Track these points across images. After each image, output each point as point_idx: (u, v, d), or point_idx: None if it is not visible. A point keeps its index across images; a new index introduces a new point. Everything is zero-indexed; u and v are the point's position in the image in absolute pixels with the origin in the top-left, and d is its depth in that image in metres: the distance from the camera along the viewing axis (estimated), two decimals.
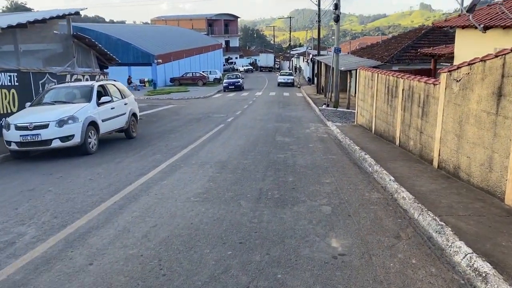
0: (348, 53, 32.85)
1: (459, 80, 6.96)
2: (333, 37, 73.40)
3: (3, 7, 77.90)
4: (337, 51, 22.72)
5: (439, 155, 7.81)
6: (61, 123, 9.60)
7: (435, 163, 7.95)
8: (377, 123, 12.36)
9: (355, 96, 28.85)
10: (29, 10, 76.51)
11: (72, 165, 9.12)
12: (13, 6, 77.34)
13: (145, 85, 42.98)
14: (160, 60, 45.78)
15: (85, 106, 10.35)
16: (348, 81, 23.74)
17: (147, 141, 12.07)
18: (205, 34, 77.56)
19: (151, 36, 52.84)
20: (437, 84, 7.96)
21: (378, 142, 11.29)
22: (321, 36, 38.06)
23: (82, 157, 9.92)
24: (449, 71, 7.42)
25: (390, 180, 7.13)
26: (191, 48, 57.89)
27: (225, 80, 40.49)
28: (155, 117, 19.48)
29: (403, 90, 9.97)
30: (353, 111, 21.70)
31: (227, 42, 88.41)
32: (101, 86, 11.42)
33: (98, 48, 18.71)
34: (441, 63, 15.55)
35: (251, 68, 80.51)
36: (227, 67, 76.12)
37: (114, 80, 13.19)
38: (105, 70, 21.50)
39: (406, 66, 22.55)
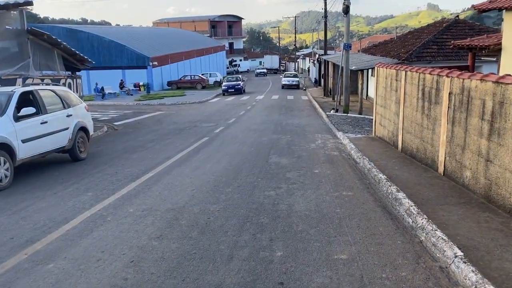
0: (358, 51, 29.69)
1: None
2: (340, 39, 70.07)
3: None
4: (347, 47, 19.53)
5: None
6: None
7: None
8: (406, 138, 9.16)
9: (367, 99, 25.69)
10: (35, 16, 74.52)
11: None
12: None
13: (139, 90, 40.03)
14: (156, 63, 42.89)
15: None
16: (360, 82, 20.52)
17: (95, 165, 8.97)
18: (208, 36, 74.85)
19: (149, 38, 50.02)
20: None
21: (410, 167, 8.09)
22: (328, 37, 34.96)
23: None
24: None
25: (457, 258, 3.95)
26: (191, 50, 55.02)
27: (224, 83, 37.41)
28: (132, 128, 16.42)
29: (450, 94, 6.78)
30: (366, 117, 18.52)
31: (231, 44, 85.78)
32: (28, 93, 8.33)
33: (63, 47, 15.70)
34: (481, 58, 12.30)
35: (263, 71, 69.71)
36: (230, 69, 73.23)
37: (57, 84, 10.12)
38: (77, 73, 18.52)
39: (428, 64, 19.30)
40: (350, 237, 4.69)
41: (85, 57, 17.63)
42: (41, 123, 8.25)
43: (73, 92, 16.72)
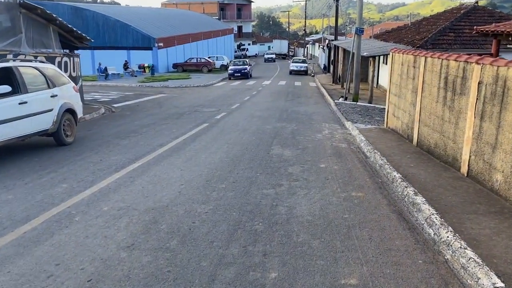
0: (370, 38, 28.51)
1: None
2: (350, 26, 68.19)
3: None
4: (359, 31, 18.47)
5: None
6: None
7: None
8: (423, 132, 8.27)
9: (377, 87, 24.65)
10: None
11: None
12: None
13: (144, 71, 39.11)
14: (161, 44, 41.86)
15: None
16: (372, 69, 19.51)
17: (80, 152, 8.19)
18: (216, 18, 73.43)
19: (155, 19, 48.87)
20: None
21: (427, 164, 7.23)
22: (338, 23, 33.65)
23: None
24: None
25: None
26: (198, 32, 53.81)
27: (230, 67, 36.38)
28: (131, 110, 15.63)
29: (480, 83, 5.88)
30: (376, 106, 17.59)
31: (239, 28, 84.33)
32: (6, 69, 7.52)
33: (59, 23, 14.83)
34: (506, 46, 11.30)
35: (272, 57, 64.90)
36: (238, 53, 71.95)
37: (42, 62, 9.29)
38: (76, 52, 17.69)
39: (444, 52, 18.20)
40: (360, 253, 3.88)
41: (83, 34, 16.76)
42: (20, 104, 7.45)
43: (71, 71, 16.00)
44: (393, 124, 10.55)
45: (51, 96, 8.42)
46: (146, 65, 39.58)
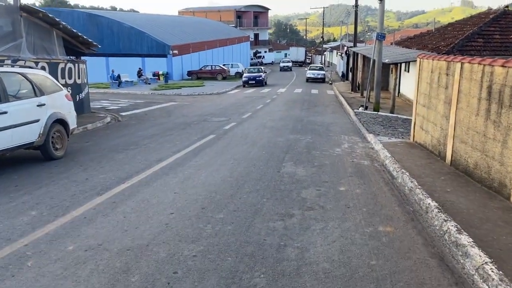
0: (391, 44, 27.30)
1: None
2: (368, 33, 66.82)
3: (42, 0, 77.14)
4: (381, 37, 17.35)
5: None
6: None
7: None
8: (459, 149, 7.12)
9: (398, 96, 23.40)
10: (65, 3, 74.66)
11: None
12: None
13: (158, 79, 38.54)
14: (176, 51, 41.34)
15: None
16: (394, 77, 18.32)
17: (67, 168, 7.28)
18: (233, 26, 73.07)
19: (171, 26, 48.50)
20: None
21: (467, 189, 6.08)
22: (357, 30, 32.56)
23: None
24: None
25: None
26: (214, 40, 53.29)
27: (244, 74, 35.52)
28: (137, 119, 14.80)
29: None
30: (399, 116, 16.41)
31: (256, 35, 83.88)
32: None
33: (62, 28, 14.13)
34: None
35: (288, 65, 58.46)
36: (254, 61, 71.27)
37: (31, 67, 8.46)
38: (82, 58, 17.01)
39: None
40: None
41: (89, 40, 16.05)
42: (0, 114, 6.60)
43: (75, 78, 15.30)
44: (421, 138, 9.40)
45: (38, 105, 7.56)
46: (160, 72, 39.05)
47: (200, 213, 4.93)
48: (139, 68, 36.99)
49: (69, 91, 14.78)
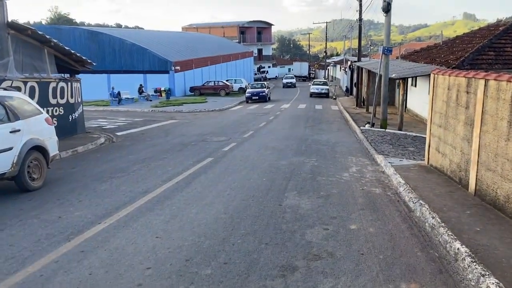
0: (397, 58, 26.57)
1: None
2: (372, 47, 66.36)
3: (47, 17, 78.09)
4: (387, 51, 16.62)
5: None
6: None
7: None
8: (485, 178, 6.25)
9: (405, 112, 22.54)
10: (71, 21, 75.26)
11: None
12: (56, 17, 76.61)
13: (160, 95, 37.95)
14: (178, 67, 40.87)
15: None
16: (402, 93, 17.51)
17: (41, 202, 6.46)
18: (236, 42, 73.02)
19: (173, 42, 48.20)
20: None
21: (500, 227, 5.20)
22: (361, 45, 31.99)
23: None
24: None
25: None
26: (217, 55, 52.92)
27: (248, 90, 34.85)
28: (132, 140, 14.03)
29: None
30: (408, 133, 15.57)
31: (259, 51, 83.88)
32: None
33: (53, 45, 13.49)
34: None
35: (291, 82, 55.71)
36: (258, 76, 70.90)
37: (5, 89, 7.70)
38: (81, 75, 16.37)
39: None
40: None
41: (84, 57, 15.40)
42: None
43: (68, 97, 14.60)
44: (437, 161, 8.53)
45: (12, 132, 6.80)
46: (162, 89, 38.48)
47: (183, 267, 4.07)
48: (140, 85, 36.46)
49: (61, 112, 14.17)
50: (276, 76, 78.26)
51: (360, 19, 28.46)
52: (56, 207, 6.16)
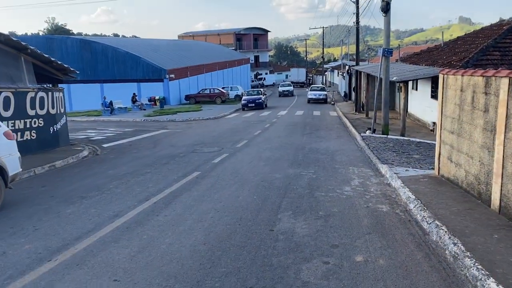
0: (397, 61, 25.73)
1: None
2: (369, 52, 65.64)
3: (44, 29, 77.68)
4: (387, 53, 15.73)
5: None
6: None
7: None
8: (511, 192, 5.30)
9: (406, 116, 21.63)
10: (68, 32, 74.68)
11: None
12: (53, 28, 76.06)
13: (155, 104, 37.03)
14: (173, 75, 40.01)
15: None
16: (403, 96, 16.59)
17: None
18: (233, 49, 72.43)
19: (168, 50, 47.39)
20: None
21: None
22: (359, 49, 31.10)
23: None
24: None
25: None
26: (213, 63, 52.14)
27: (243, 97, 33.91)
28: (117, 152, 13.08)
29: None
30: (411, 139, 14.63)
31: (256, 57, 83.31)
32: None
33: (31, 52, 12.57)
34: None
35: (288, 89, 48.72)
36: (255, 83, 70.18)
37: None
38: (60, 86, 15.42)
39: None
40: None
41: (66, 65, 14.47)
42: None
43: (49, 108, 13.65)
44: (450, 172, 7.58)
45: None
46: (157, 97, 37.57)
47: None
48: (133, 94, 35.55)
49: (40, 123, 13.19)
50: (274, 83, 77.53)
51: (358, 22, 27.62)
52: (6, 238, 5.19)
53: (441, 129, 8.09)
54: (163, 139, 16.19)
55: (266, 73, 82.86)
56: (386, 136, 15.50)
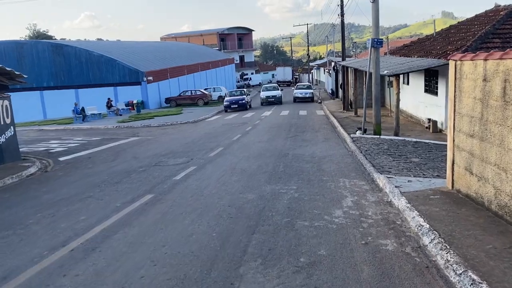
0: (386, 54, 24.09)
1: None
2: (354, 50, 64.05)
3: (26, 35, 74.86)
4: (377, 44, 14.02)
5: None
6: None
7: None
8: None
9: (398, 112, 19.98)
10: (50, 37, 71.89)
11: None
12: (35, 35, 73.32)
13: (133, 108, 34.85)
14: (151, 78, 37.95)
15: None
16: (396, 92, 14.85)
17: None
18: (217, 49, 70.56)
19: (146, 52, 45.26)
20: None
21: None
22: (345, 42, 29.34)
23: None
24: None
25: None
26: (195, 64, 50.18)
27: (226, 98, 31.96)
28: (70, 168, 11.17)
29: None
30: (407, 139, 12.96)
31: (241, 57, 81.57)
32: None
33: None
34: None
35: (274, 97, 34.01)
36: (241, 83, 68.43)
37: None
38: (7, 93, 13.41)
39: None
40: None
41: (9, 69, 12.48)
42: None
43: None
44: (470, 187, 5.81)
45: None
46: (135, 101, 35.43)
47: None
48: (108, 99, 33.41)
49: None
50: (260, 83, 75.69)
51: (342, 14, 25.91)
52: None
53: (454, 131, 6.33)
54: (128, 149, 14.27)
55: (252, 73, 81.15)
56: (378, 136, 13.82)
